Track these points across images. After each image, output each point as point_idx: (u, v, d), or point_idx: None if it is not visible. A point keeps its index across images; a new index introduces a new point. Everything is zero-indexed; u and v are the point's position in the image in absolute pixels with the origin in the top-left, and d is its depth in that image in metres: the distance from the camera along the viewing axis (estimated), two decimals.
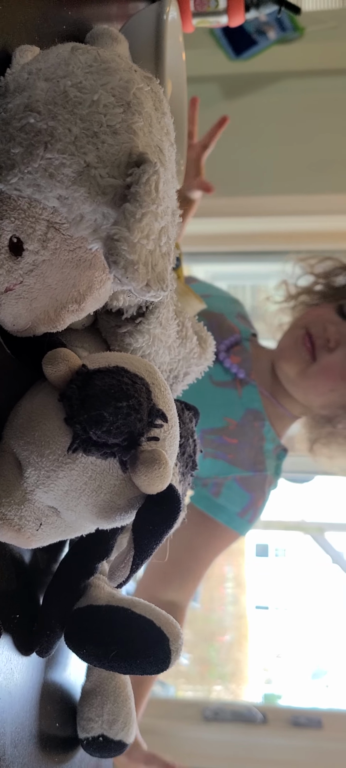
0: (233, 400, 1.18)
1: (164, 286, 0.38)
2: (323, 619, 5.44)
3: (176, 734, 2.05)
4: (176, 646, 0.50)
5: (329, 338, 1.14)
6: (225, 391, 1.18)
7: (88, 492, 0.41)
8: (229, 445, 1.17)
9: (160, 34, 0.60)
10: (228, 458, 1.16)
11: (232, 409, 1.18)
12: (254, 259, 2.51)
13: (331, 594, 5.27)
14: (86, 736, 0.60)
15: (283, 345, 1.22)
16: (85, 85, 0.38)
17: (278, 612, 5.82)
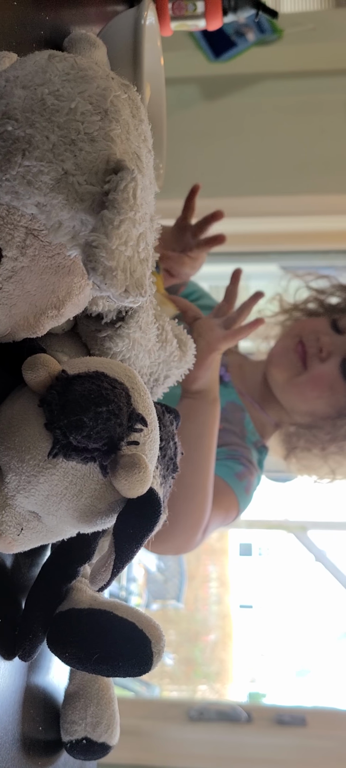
0: None
1: (143, 291, 0.39)
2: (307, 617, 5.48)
3: (160, 734, 2.06)
4: (158, 647, 0.50)
5: (321, 348, 1.16)
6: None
7: (69, 496, 0.41)
8: None
9: (138, 39, 0.60)
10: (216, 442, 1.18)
11: None
12: (234, 260, 2.51)
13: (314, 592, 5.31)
14: (70, 739, 0.60)
15: (275, 351, 1.25)
16: (62, 93, 0.38)
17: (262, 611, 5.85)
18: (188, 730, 2.06)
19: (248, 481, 1.16)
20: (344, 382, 1.15)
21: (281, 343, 1.24)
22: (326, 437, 1.20)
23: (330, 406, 1.17)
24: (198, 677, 5.31)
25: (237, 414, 1.20)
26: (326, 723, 2.08)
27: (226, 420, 1.18)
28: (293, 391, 1.18)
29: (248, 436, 1.20)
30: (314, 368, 1.16)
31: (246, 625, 5.77)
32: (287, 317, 1.31)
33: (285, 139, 2.31)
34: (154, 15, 0.67)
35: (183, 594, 4.63)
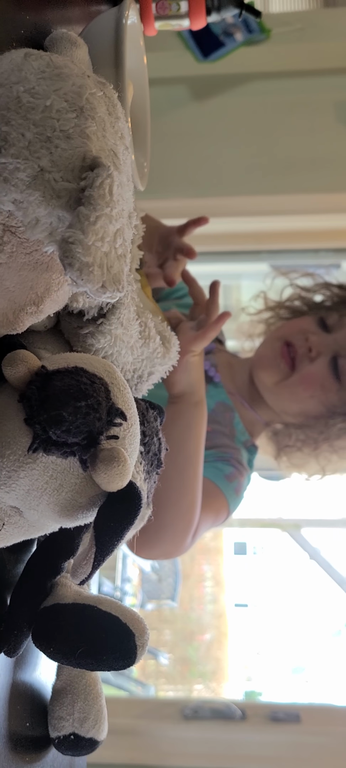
0: None
1: (120, 287, 0.39)
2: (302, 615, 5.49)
3: (155, 734, 2.06)
4: (141, 641, 0.51)
5: (310, 348, 1.16)
6: None
7: (50, 491, 0.41)
8: None
9: (120, 39, 0.61)
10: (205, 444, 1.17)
11: None
12: (223, 260, 2.52)
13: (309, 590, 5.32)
14: (57, 735, 0.60)
15: (261, 354, 1.24)
16: (38, 91, 0.39)
17: (257, 609, 5.86)
18: (182, 728, 2.07)
19: (238, 482, 1.15)
20: (334, 380, 1.15)
21: (266, 346, 1.24)
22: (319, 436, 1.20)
23: (322, 405, 1.17)
24: (194, 676, 5.32)
25: (226, 414, 1.20)
26: (320, 719, 2.09)
27: (215, 421, 1.18)
28: (283, 392, 1.18)
29: (238, 436, 1.20)
30: (304, 368, 1.16)
31: (241, 624, 5.77)
32: (271, 315, 1.31)
33: (274, 138, 2.32)
34: (137, 14, 0.68)
35: (178, 593, 4.63)
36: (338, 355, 1.15)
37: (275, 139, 2.31)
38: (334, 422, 1.16)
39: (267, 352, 1.22)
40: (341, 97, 2.33)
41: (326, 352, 1.16)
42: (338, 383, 1.15)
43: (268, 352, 1.22)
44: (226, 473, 1.14)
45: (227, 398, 1.22)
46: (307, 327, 1.19)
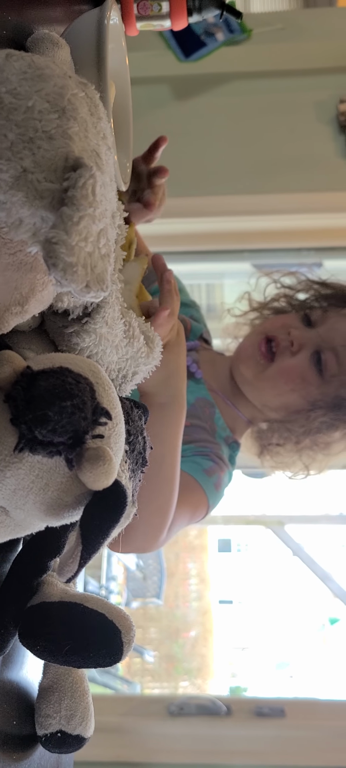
0: None
1: (104, 286, 0.39)
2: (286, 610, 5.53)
3: (141, 731, 2.06)
4: (128, 637, 0.51)
5: (292, 341, 1.16)
6: None
7: (36, 490, 0.42)
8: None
9: (102, 39, 0.61)
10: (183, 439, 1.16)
11: None
12: (206, 259, 2.53)
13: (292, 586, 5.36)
14: (45, 733, 0.61)
15: (242, 347, 1.24)
16: (19, 92, 0.39)
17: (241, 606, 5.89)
18: (168, 725, 2.08)
19: (217, 477, 1.14)
20: (316, 374, 1.15)
21: (247, 340, 1.24)
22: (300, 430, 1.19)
23: (303, 399, 1.16)
24: (179, 674, 5.33)
25: (206, 410, 1.20)
26: (304, 714, 2.11)
27: (195, 416, 1.18)
28: (263, 385, 1.18)
29: (218, 431, 1.20)
30: (285, 361, 1.16)
31: (226, 621, 5.80)
32: (256, 316, 1.31)
33: (255, 138, 2.33)
34: (118, 15, 0.68)
35: (163, 591, 4.64)
36: (320, 349, 1.15)
37: (256, 139, 2.33)
38: (315, 416, 1.16)
39: (247, 345, 1.22)
40: (321, 98, 2.36)
41: (308, 347, 1.16)
42: (319, 377, 1.15)
43: (247, 345, 1.22)
44: (205, 467, 1.13)
45: (207, 394, 1.22)
46: (290, 322, 1.20)
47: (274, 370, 1.16)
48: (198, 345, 1.27)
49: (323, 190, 2.29)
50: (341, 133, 2.31)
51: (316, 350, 1.15)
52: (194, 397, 1.20)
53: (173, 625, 5.42)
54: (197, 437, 1.17)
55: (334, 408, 1.15)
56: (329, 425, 1.16)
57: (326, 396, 1.15)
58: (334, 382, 1.14)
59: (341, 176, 2.29)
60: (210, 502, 1.12)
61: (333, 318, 1.19)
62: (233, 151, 2.32)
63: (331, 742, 1.99)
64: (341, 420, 1.16)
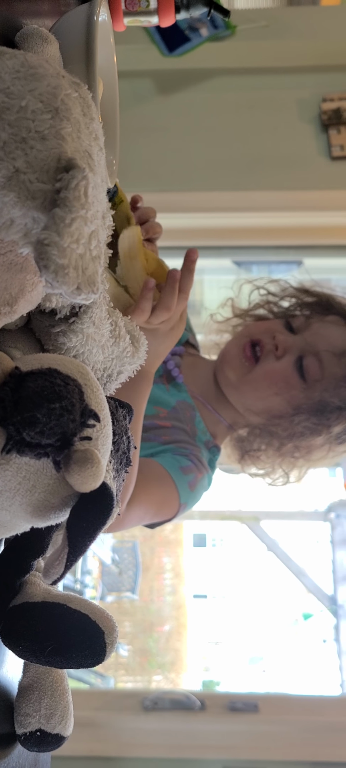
0: (162, 392, 1.20)
1: (95, 288, 0.39)
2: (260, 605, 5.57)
3: (115, 725, 2.07)
4: (111, 638, 0.51)
5: (277, 345, 1.17)
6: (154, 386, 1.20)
7: (23, 492, 0.41)
8: (162, 428, 1.17)
9: (91, 36, 0.60)
10: (162, 439, 1.16)
11: (162, 400, 1.19)
12: None
13: (266, 581, 5.41)
14: (24, 731, 0.60)
15: (226, 350, 1.24)
16: (12, 91, 0.38)
17: (215, 600, 5.92)
18: (142, 719, 2.08)
19: (194, 477, 1.13)
20: (299, 379, 1.16)
21: (231, 343, 1.24)
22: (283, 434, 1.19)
23: (286, 403, 1.17)
24: (153, 667, 5.35)
25: (187, 413, 1.20)
26: (277, 708, 2.13)
27: (176, 418, 1.18)
28: (246, 388, 1.18)
29: (199, 435, 1.20)
30: (268, 364, 1.16)
31: (200, 615, 5.83)
32: (238, 322, 1.31)
33: (238, 135, 2.34)
34: (107, 11, 0.68)
35: (138, 586, 4.65)
36: (304, 354, 1.16)
37: (238, 136, 2.33)
38: (299, 420, 1.16)
39: (231, 348, 1.23)
40: (303, 96, 2.37)
41: (293, 351, 1.16)
42: (303, 382, 1.16)
43: (232, 348, 1.22)
44: (182, 465, 1.13)
45: (188, 398, 1.22)
46: (274, 327, 1.20)
47: (258, 373, 1.17)
48: (183, 351, 1.27)
49: (305, 188, 2.31)
50: (323, 131, 2.33)
51: (300, 355, 1.16)
52: (175, 400, 1.20)
53: (148, 620, 5.44)
54: (177, 438, 1.17)
55: (317, 413, 1.15)
56: (312, 430, 1.16)
57: (310, 400, 1.16)
58: (317, 387, 1.15)
59: (322, 175, 2.30)
60: (182, 500, 1.12)
61: (316, 324, 1.20)
62: (215, 147, 2.33)
63: (304, 737, 2.02)
64: (323, 425, 1.16)
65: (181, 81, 2.36)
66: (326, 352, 1.15)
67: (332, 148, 2.29)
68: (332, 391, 1.15)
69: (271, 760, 2.00)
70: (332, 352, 1.15)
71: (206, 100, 2.37)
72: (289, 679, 5.35)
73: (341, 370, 1.15)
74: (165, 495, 1.10)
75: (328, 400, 1.15)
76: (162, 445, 1.15)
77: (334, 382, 1.15)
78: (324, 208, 2.34)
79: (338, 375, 1.15)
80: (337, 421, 1.16)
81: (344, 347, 1.16)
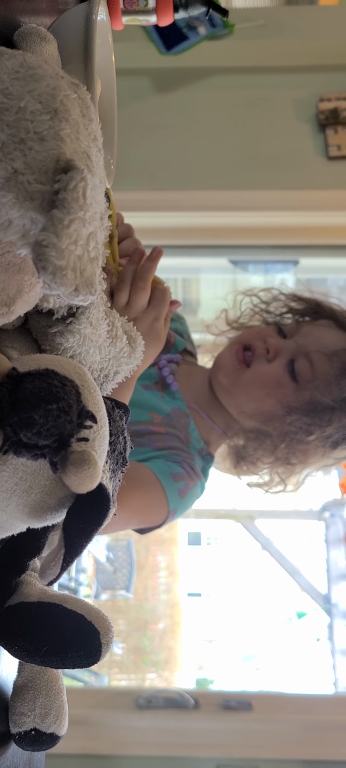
0: (157, 399, 1.21)
1: (93, 290, 0.39)
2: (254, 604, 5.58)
3: (109, 723, 2.07)
4: (106, 638, 0.51)
5: (268, 349, 1.18)
6: (149, 392, 1.21)
7: (19, 492, 0.41)
8: (156, 434, 1.17)
9: (89, 36, 0.60)
10: (156, 445, 1.16)
11: (157, 406, 1.20)
12: (182, 253, 2.53)
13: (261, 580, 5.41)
14: (18, 731, 0.60)
15: (219, 357, 1.25)
16: (11, 92, 0.38)
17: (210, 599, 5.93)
18: (136, 717, 2.08)
19: (185, 485, 1.13)
20: (291, 381, 1.16)
21: (225, 350, 1.25)
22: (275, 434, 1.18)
23: (278, 403, 1.17)
24: (147, 666, 5.35)
25: (182, 420, 1.20)
26: (271, 707, 2.13)
27: (170, 425, 1.18)
28: (239, 391, 1.19)
29: (193, 442, 1.20)
30: (259, 366, 1.17)
31: (194, 613, 5.83)
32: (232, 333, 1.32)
33: (235, 134, 2.34)
34: (106, 10, 0.68)
35: (132, 584, 4.65)
36: (295, 357, 1.16)
37: (236, 135, 2.33)
38: (291, 420, 1.16)
39: (224, 355, 1.24)
40: (301, 95, 2.37)
41: (284, 354, 1.17)
42: (295, 384, 1.16)
43: (225, 354, 1.23)
44: (173, 472, 1.13)
45: (183, 405, 1.22)
46: (266, 332, 1.22)
47: (249, 376, 1.17)
48: (179, 359, 1.28)
49: (302, 188, 2.31)
50: (320, 131, 2.33)
51: (291, 358, 1.17)
52: (169, 407, 1.20)
53: (142, 618, 5.44)
54: (171, 445, 1.17)
55: (309, 412, 1.16)
56: (305, 430, 1.16)
57: (301, 401, 1.16)
58: (309, 387, 1.15)
59: (319, 175, 2.31)
60: (171, 507, 1.11)
61: (307, 327, 1.21)
62: (212, 146, 2.33)
63: (297, 736, 2.02)
64: (316, 424, 1.16)
65: (178, 79, 2.36)
66: (317, 353, 1.16)
67: (329, 148, 2.30)
68: (324, 390, 1.15)
69: (264, 758, 2.00)
70: (323, 353, 1.16)
71: (203, 99, 2.37)
72: (283, 678, 5.37)
73: (332, 369, 1.16)
74: (153, 501, 1.10)
75: (319, 399, 1.15)
76: (155, 451, 1.15)
77: (325, 381, 1.16)
78: (321, 208, 2.34)
79: (329, 374, 1.16)
80: (329, 421, 1.16)
81: (334, 348, 1.17)
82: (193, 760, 2.02)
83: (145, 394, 1.20)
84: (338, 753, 1.98)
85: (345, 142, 2.31)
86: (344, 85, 2.37)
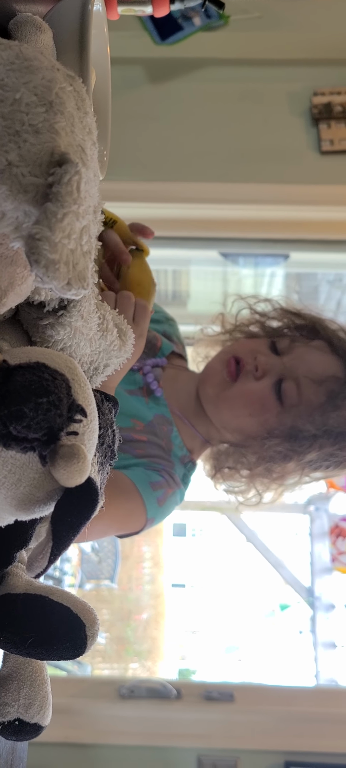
0: (141, 405, 1.19)
1: (85, 284, 0.39)
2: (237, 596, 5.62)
3: (91, 712, 2.07)
4: (92, 631, 0.51)
5: (257, 367, 1.15)
6: (133, 398, 1.19)
7: (8, 485, 0.41)
8: (137, 442, 1.16)
9: (85, 26, 0.60)
10: (136, 453, 1.15)
11: (140, 412, 1.18)
12: (173, 245, 2.53)
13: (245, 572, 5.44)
14: (2, 720, 0.60)
15: (209, 365, 1.23)
16: (7, 83, 0.38)
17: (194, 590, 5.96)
18: (118, 707, 2.09)
19: (163, 493, 1.12)
20: (276, 402, 1.14)
21: (215, 359, 1.23)
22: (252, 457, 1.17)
23: (260, 425, 1.15)
24: (129, 655, 5.37)
25: (164, 427, 1.19)
26: (252, 698, 2.15)
27: (152, 432, 1.17)
28: (223, 405, 1.17)
29: (174, 450, 1.19)
30: (246, 384, 1.15)
31: (178, 604, 5.86)
32: (228, 338, 1.30)
33: (228, 126, 2.33)
34: (101, 1, 0.67)
35: (117, 574, 4.65)
36: (283, 378, 1.14)
37: (228, 127, 2.33)
38: (270, 444, 1.14)
39: (215, 364, 1.21)
40: (294, 89, 2.37)
41: (272, 374, 1.15)
42: (279, 405, 1.14)
43: (215, 363, 1.21)
44: (152, 480, 1.12)
45: (167, 411, 1.20)
46: (258, 348, 1.19)
47: (235, 392, 1.15)
48: (165, 362, 1.25)
49: (294, 182, 2.31)
50: (314, 125, 2.33)
51: (279, 378, 1.14)
52: (152, 414, 1.19)
53: (126, 608, 5.46)
54: (151, 453, 1.15)
55: (290, 438, 1.14)
56: (283, 455, 1.14)
57: (283, 425, 1.14)
58: (292, 412, 1.14)
59: (311, 169, 2.31)
60: (149, 515, 1.11)
61: (300, 349, 1.18)
62: (205, 138, 2.32)
63: (279, 727, 2.04)
64: (295, 451, 1.14)
65: (172, 70, 2.35)
66: (305, 378, 1.14)
67: (322, 143, 2.30)
68: (306, 418, 1.14)
69: (246, 749, 2.02)
70: (311, 379, 1.14)
71: (197, 90, 2.36)
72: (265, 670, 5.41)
73: (318, 398, 1.14)
74: (131, 509, 1.09)
75: (300, 427, 1.13)
76: (135, 459, 1.14)
77: (309, 409, 1.14)
78: (312, 203, 2.34)
79: (314, 403, 1.14)
80: (310, 449, 1.14)
81: (324, 374, 1.15)
82: (174, 750, 2.04)
83: (129, 399, 1.18)
84: (318, 745, 2.00)
85: (338, 137, 2.31)
86: (338, 80, 2.37)
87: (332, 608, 4.40)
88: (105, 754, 2.03)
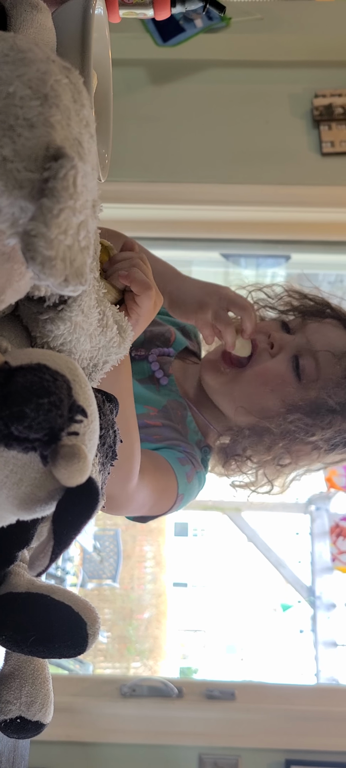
0: (152, 392, 1.18)
1: (83, 280, 0.39)
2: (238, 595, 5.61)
3: (93, 711, 2.08)
4: (93, 630, 0.52)
5: (272, 344, 1.14)
6: (144, 386, 1.18)
7: (9, 485, 0.42)
8: (152, 428, 1.14)
9: (86, 30, 0.60)
10: (153, 438, 1.13)
11: (152, 399, 1.17)
12: (176, 246, 2.53)
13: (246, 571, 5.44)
14: (4, 719, 0.61)
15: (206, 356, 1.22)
16: (0, 76, 0.38)
17: (195, 589, 5.96)
18: (119, 706, 2.09)
19: (191, 469, 1.10)
20: (294, 378, 1.12)
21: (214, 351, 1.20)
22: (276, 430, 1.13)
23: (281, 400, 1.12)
24: (131, 654, 5.38)
25: (179, 412, 1.17)
26: (254, 697, 2.15)
27: (167, 417, 1.15)
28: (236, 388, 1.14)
29: (190, 434, 1.17)
30: (262, 362, 1.13)
31: (180, 603, 5.86)
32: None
33: (229, 127, 2.33)
34: (103, 3, 0.68)
35: (119, 573, 4.66)
36: (300, 354, 1.12)
37: (230, 129, 2.33)
38: (292, 418, 1.11)
39: (210, 354, 1.19)
40: (296, 91, 2.37)
41: (288, 350, 1.13)
42: (298, 381, 1.12)
43: (211, 355, 1.19)
44: (179, 456, 1.10)
45: (179, 396, 1.19)
46: (269, 327, 1.18)
47: (252, 372, 1.13)
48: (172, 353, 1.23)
49: (295, 183, 2.31)
50: (315, 127, 2.33)
51: (296, 354, 1.12)
52: (165, 400, 1.17)
53: (127, 607, 5.46)
54: (169, 436, 1.13)
55: (312, 413, 1.11)
56: (305, 431, 1.11)
57: (305, 400, 1.11)
58: (314, 387, 1.11)
59: (312, 171, 2.31)
60: (180, 491, 1.08)
61: (314, 325, 1.16)
62: (206, 139, 2.32)
63: (280, 725, 2.04)
64: (317, 425, 1.11)
65: (174, 71, 2.35)
66: (324, 352, 1.11)
67: (323, 144, 2.30)
68: (330, 391, 1.11)
69: (247, 747, 2.02)
70: (331, 353, 1.12)
71: (199, 92, 2.36)
72: (266, 668, 5.41)
73: (336, 372, 1.11)
74: (166, 482, 1.07)
75: (325, 400, 1.10)
76: (155, 443, 1.11)
77: (332, 383, 1.11)
78: (313, 204, 2.34)
79: (337, 375, 1.11)
80: (330, 424, 1.11)
81: (343, 348, 1.12)
82: (176, 749, 2.04)
83: (141, 388, 1.17)
84: (319, 743, 2.00)
85: (339, 139, 2.31)
86: (339, 82, 2.37)
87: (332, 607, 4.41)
88: (106, 753, 2.04)
